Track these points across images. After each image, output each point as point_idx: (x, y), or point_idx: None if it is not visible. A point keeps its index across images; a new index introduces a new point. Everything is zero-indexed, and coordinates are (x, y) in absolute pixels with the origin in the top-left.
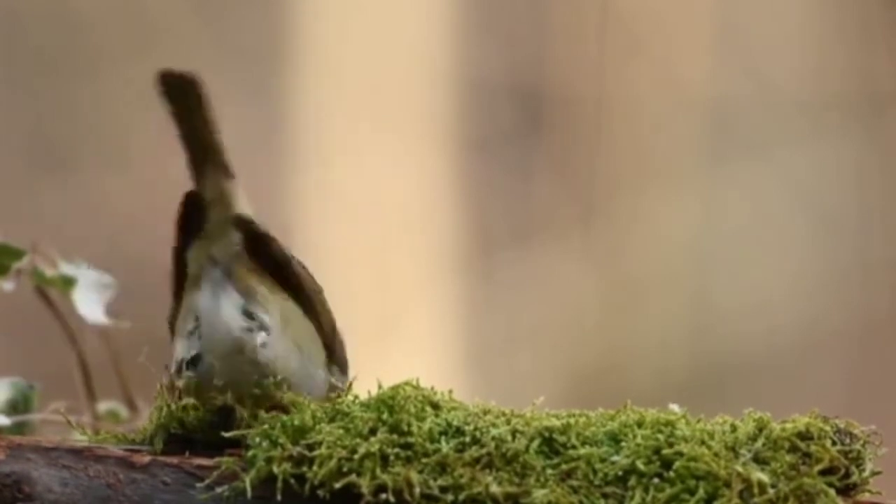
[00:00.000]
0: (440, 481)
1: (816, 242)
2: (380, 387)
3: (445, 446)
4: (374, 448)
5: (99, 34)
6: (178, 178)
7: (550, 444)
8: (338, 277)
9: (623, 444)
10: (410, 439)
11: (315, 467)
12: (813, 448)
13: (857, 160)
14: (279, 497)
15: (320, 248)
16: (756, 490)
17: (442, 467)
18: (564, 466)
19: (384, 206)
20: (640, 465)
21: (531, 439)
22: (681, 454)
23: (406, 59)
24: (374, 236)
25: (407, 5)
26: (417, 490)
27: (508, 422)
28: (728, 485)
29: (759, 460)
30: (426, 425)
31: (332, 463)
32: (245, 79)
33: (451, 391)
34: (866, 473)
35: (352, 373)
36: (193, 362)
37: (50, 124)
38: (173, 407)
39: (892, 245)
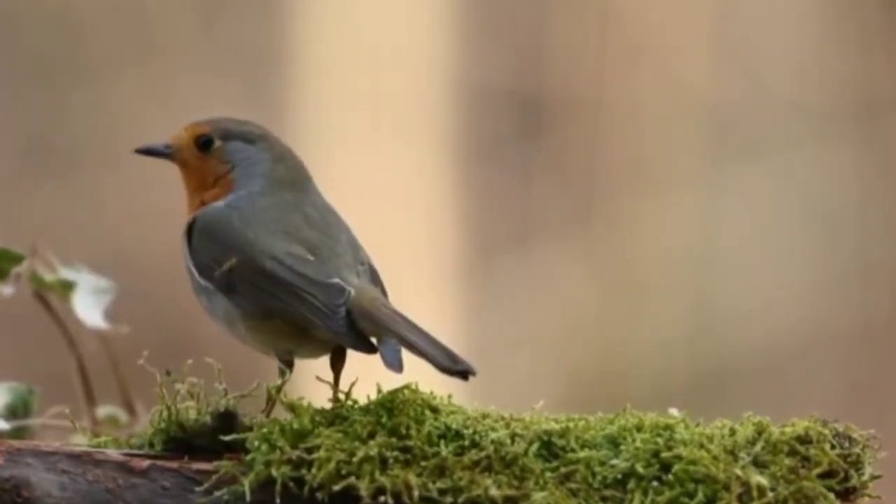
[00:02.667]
0: (439, 484)
1: (816, 246)
2: (379, 391)
3: (444, 450)
4: (373, 451)
5: (98, 37)
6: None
7: (549, 447)
8: None
9: (622, 447)
10: (409, 443)
11: (314, 470)
12: (812, 452)
13: (856, 164)
14: (278, 500)
15: None
16: (755, 493)
17: (441, 470)
18: (563, 470)
19: (384, 210)
20: (639, 468)
21: (530, 443)
22: (680, 458)
23: (406, 63)
24: (375, 239)
25: (407, 10)
26: (416, 493)
27: (507, 425)
28: (727, 488)
29: (758, 464)
30: (425, 429)
31: (331, 466)
32: (244, 83)
33: (450, 395)
34: (865, 477)
35: (351, 374)
36: None
37: (49, 128)
38: (173, 410)
39: (891, 248)
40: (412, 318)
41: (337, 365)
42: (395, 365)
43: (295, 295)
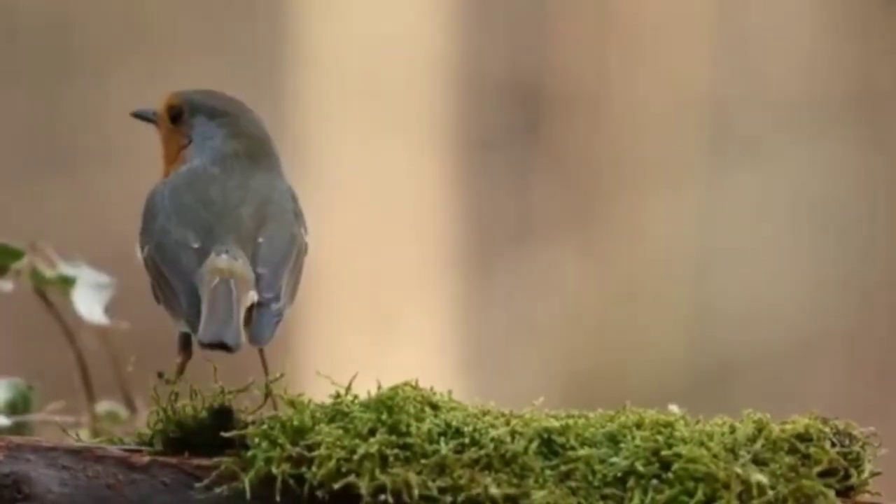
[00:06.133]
0: (439, 482)
1: (817, 243)
2: (379, 387)
3: (444, 447)
4: (374, 449)
5: (99, 34)
6: None
7: (549, 445)
8: (337, 275)
9: (622, 445)
10: (409, 440)
11: (314, 468)
12: (812, 450)
13: (857, 161)
14: (278, 498)
15: (320, 246)
16: (755, 492)
17: (441, 468)
18: (563, 468)
19: (383, 205)
20: (638, 466)
21: (530, 440)
22: (680, 456)
23: (406, 56)
24: (374, 235)
25: (407, 4)
26: (416, 491)
27: (507, 423)
28: (727, 486)
29: (758, 462)
30: (425, 426)
31: (332, 464)
32: (245, 78)
33: (450, 391)
34: (865, 475)
35: (351, 370)
36: None
37: (49, 124)
38: (170, 411)
39: (892, 247)
40: (409, 314)
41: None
42: (260, 337)
43: (170, 288)
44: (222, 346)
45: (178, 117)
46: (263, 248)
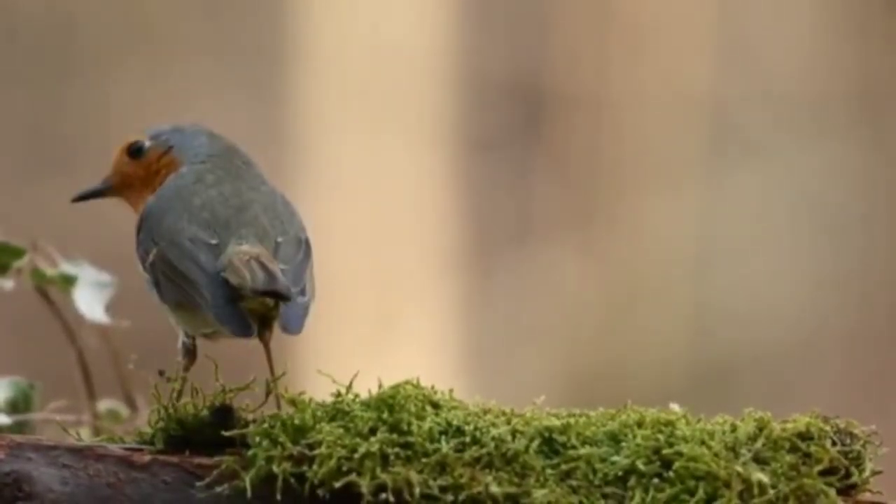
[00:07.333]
0: (440, 481)
1: (818, 243)
2: (380, 386)
3: (445, 446)
4: (375, 448)
5: (99, 34)
6: None
7: (550, 443)
8: (338, 276)
9: (623, 443)
10: (410, 439)
11: (315, 466)
12: (813, 448)
13: (857, 161)
14: (279, 496)
15: (320, 246)
16: (756, 490)
17: (442, 467)
18: (564, 466)
19: (384, 205)
20: (639, 465)
21: (531, 439)
22: (681, 454)
23: (406, 57)
24: (374, 235)
25: (407, 4)
26: (417, 490)
27: (508, 421)
28: (728, 485)
29: (759, 460)
30: (426, 425)
31: (332, 462)
32: (245, 78)
33: (451, 390)
34: (866, 473)
35: (351, 370)
36: None
37: (50, 123)
38: (171, 409)
39: (892, 246)
40: (410, 314)
41: (264, 336)
42: (292, 327)
43: (188, 282)
44: (275, 294)
45: (139, 149)
46: (283, 248)
